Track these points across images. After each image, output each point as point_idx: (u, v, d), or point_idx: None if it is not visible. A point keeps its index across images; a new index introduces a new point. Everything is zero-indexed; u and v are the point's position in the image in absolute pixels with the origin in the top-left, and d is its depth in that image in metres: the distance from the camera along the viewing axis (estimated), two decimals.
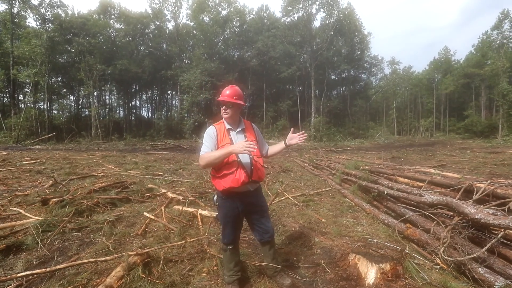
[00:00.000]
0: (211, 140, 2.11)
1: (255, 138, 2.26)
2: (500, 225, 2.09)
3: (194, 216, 4.24)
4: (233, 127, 2.22)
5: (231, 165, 2.05)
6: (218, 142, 2.11)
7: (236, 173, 2.03)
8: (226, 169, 2.04)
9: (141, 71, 36.46)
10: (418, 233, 2.94)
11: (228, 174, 2.04)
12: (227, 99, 2.17)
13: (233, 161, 2.05)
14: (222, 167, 2.05)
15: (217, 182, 2.10)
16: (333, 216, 3.98)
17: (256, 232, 2.34)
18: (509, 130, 30.56)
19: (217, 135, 2.13)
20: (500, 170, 8.31)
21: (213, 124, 2.24)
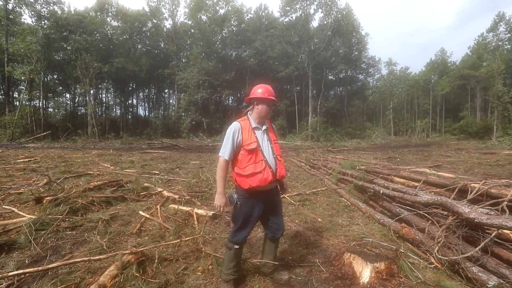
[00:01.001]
0: (233, 140, 2.07)
1: (275, 138, 2.28)
2: (494, 224, 2.11)
3: (190, 215, 4.22)
4: (260, 126, 2.19)
5: (259, 165, 2.04)
6: (243, 140, 2.07)
7: (264, 172, 2.03)
8: (254, 169, 2.02)
9: (138, 69, 36.25)
10: (413, 232, 2.95)
11: (256, 174, 2.02)
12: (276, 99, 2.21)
13: (261, 161, 2.05)
14: (249, 166, 2.03)
15: (242, 180, 2.07)
16: (329, 216, 3.98)
17: (270, 229, 2.32)
18: (503, 131, 30.91)
19: (242, 132, 2.09)
20: (495, 170, 8.40)
21: (237, 120, 2.20)
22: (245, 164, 2.04)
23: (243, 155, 2.06)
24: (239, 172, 2.07)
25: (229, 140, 2.07)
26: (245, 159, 2.05)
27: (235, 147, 2.07)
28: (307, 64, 35.83)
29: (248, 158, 2.05)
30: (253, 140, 2.08)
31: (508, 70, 36.37)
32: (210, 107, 38.05)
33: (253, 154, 2.05)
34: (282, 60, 38.60)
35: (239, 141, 2.07)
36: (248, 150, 2.05)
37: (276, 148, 2.20)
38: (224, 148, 2.07)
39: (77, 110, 41.49)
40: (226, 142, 2.08)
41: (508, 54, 38.38)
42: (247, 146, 2.05)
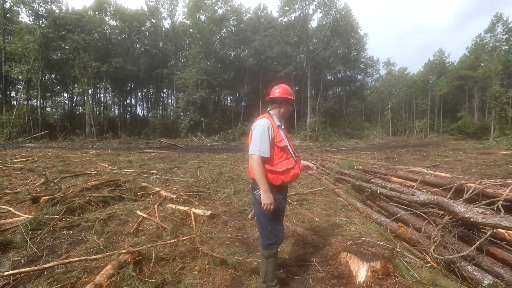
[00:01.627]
0: (266, 136, 2.04)
1: (287, 135, 2.33)
2: (489, 223, 2.12)
3: (187, 214, 4.22)
4: (282, 124, 2.27)
5: (290, 161, 2.11)
6: (275, 137, 2.10)
7: (296, 168, 2.12)
8: (287, 165, 2.07)
9: (137, 69, 36.16)
10: (409, 232, 2.96)
11: (290, 170, 2.08)
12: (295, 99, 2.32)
13: (291, 157, 2.14)
14: (282, 162, 2.07)
15: (275, 177, 2.05)
16: (326, 215, 3.99)
17: None
18: (500, 131, 31.07)
19: (273, 130, 2.10)
20: (491, 170, 8.45)
21: (265, 117, 2.20)
22: (278, 161, 2.07)
23: (275, 152, 2.09)
24: (272, 169, 2.06)
25: (264, 136, 2.04)
26: (277, 156, 2.08)
27: (270, 144, 2.07)
28: (305, 64, 35.87)
29: (280, 155, 2.09)
30: (282, 138, 2.14)
31: (506, 70, 36.55)
32: (208, 107, 38.02)
33: (283, 151, 2.11)
34: (281, 60, 38.61)
35: (272, 138, 2.08)
36: (280, 147, 2.09)
37: (292, 145, 2.31)
38: (261, 145, 2.03)
39: (75, 110, 41.35)
40: (262, 139, 2.04)
41: (506, 55, 38.58)
42: (279, 144, 2.09)
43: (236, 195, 5.32)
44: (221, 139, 31.45)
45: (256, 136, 2.06)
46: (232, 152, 17.58)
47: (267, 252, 2.12)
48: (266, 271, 2.13)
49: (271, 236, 2.12)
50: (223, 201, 5.06)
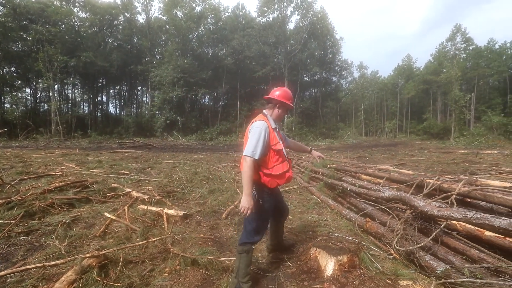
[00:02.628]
0: (262, 139, 2.03)
1: (281, 137, 2.38)
2: (443, 216, 2.29)
3: (159, 215, 4.10)
4: (277, 127, 2.31)
5: (285, 165, 2.16)
6: (271, 140, 2.10)
7: (290, 171, 2.19)
8: (282, 169, 2.12)
9: (109, 65, 34.38)
10: (375, 226, 3.12)
11: (285, 173, 2.13)
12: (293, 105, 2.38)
13: (285, 161, 2.18)
14: (278, 166, 2.11)
15: (270, 180, 2.09)
16: (300, 213, 4.08)
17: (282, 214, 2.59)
18: (459, 132, 33.76)
19: (269, 133, 2.11)
20: (451, 168, 9.15)
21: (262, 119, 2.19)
22: (273, 164, 2.10)
23: (271, 155, 2.10)
24: (268, 172, 2.09)
25: (260, 139, 2.03)
26: (272, 159, 2.10)
27: (265, 147, 2.06)
28: (283, 65, 36.39)
29: (275, 158, 2.11)
30: (277, 140, 2.15)
31: (464, 77, 39.80)
32: (185, 105, 37.21)
33: (279, 154, 2.13)
34: (259, 60, 38.80)
35: (267, 141, 2.08)
36: (276, 150, 2.11)
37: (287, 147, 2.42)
38: (254, 147, 2.01)
39: (39, 107, 38.37)
40: (257, 142, 2.02)
41: (464, 62, 42.04)
42: (275, 147, 2.10)
43: (211, 194, 5.27)
44: (198, 139, 30.93)
45: (251, 139, 2.05)
46: (209, 151, 17.37)
47: (241, 247, 2.17)
48: (239, 266, 2.15)
49: (251, 235, 2.17)
50: (197, 201, 4.98)
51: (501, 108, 37.93)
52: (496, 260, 1.96)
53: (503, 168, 9.15)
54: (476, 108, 38.89)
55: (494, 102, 39.54)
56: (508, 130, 30.72)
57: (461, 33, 40.80)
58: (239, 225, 3.68)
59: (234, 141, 30.35)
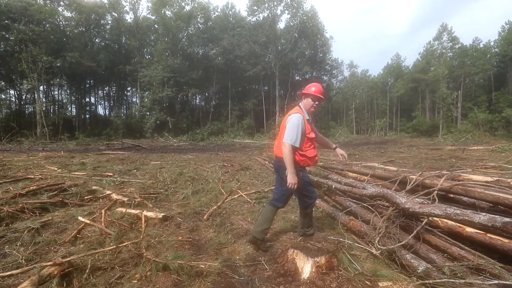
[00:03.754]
0: (299, 129, 2.52)
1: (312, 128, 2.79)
2: (424, 213, 2.22)
3: (138, 218, 3.92)
4: (309, 118, 2.72)
5: (315, 150, 2.74)
6: (306, 129, 2.58)
7: (318, 155, 2.77)
8: (314, 153, 2.69)
9: (96, 65, 33.58)
10: (358, 224, 3.03)
11: (315, 156, 2.72)
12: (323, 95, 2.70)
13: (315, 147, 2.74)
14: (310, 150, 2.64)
15: (304, 160, 2.62)
16: (283, 212, 3.97)
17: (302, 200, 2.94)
18: (447, 129, 34.41)
19: (304, 124, 2.58)
20: (438, 164, 9.23)
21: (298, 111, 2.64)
22: (307, 148, 2.61)
23: (305, 141, 2.59)
24: (303, 153, 2.60)
25: (298, 129, 2.51)
26: (306, 145, 2.61)
27: (302, 135, 2.54)
28: (274, 64, 36.34)
29: (309, 144, 2.63)
30: (310, 130, 2.65)
31: (451, 75, 40.63)
32: (176, 106, 36.76)
33: (311, 141, 2.65)
34: (249, 59, 38.66)
35: (304, 130, 2.55)
36: (310, 138, 2.62)
37: None
38: (293, 136, 2.49)
39: (24, 109, 37.25)
40: (296, 131, 2.50)
41: (450, 61, 42.92)
42: (309, 135, 2.61)
43: (195, 195, 5.11)
44: (189, 139, 30.55)
45: (290, 128, 2.52)
46: (199, 152, 17.13)
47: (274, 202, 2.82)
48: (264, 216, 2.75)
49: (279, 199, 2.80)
50: (180, 202, 4.82)
51: (486, 105, 38.85)
52: (477, 257, 1.88)
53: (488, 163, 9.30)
54: (463, 105, 39.75)
55: (480, 100, 40.48)
56: (493, 127, 31.51)
57: (448, 32, 41.65)
58: (220, 226, 3.55)
59: (225, 141, 30.12)
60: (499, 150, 14.43)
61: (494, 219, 1.68)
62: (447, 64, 39.38)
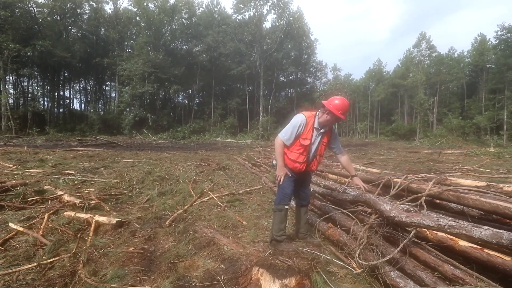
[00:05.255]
0: (295, 129, 2.47)
1: (327, 140, 2.65)
2: (412, 223, 1.89)
3: (88, 224, 3.37)
4: (320, 128, 2.53)
5: (301, 157, 2.51)
6: (302, 134, 2.48)
7: (301, 165, 2.53)
8: (296, 158, 2.51)
9: (70, 56, 31.61)
10: (338, 233, 2.69)
11: (296, 162, 2.52)
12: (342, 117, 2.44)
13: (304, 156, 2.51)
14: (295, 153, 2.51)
15: (286, 158, 2.56)
16: (256, 217, 3.57)
17: (299, 198, 2.82)
18: (424, 133, 35.71)
19: (304, 128, 2.48)
20: (417, 167, 9.26)
21: (306, 114, 2.56)
22: (293, 150, 2.51)
23: (296, 143, 2.50)
24: (287, 152, 2.55)
25: (294, 129, 2.47)
26: (295, 147, 2.51)
27: (295, 137, 2.48)
28: (259, 64, 36.03)
29: (297, 147, 2.50)
30: (308, 137, 2.48)
31: (428, 81, 42.30)
32: (156, 102, 35.48)
33: (302, 147, 2.49)
34: (234, 58, 38.11)
35: (299, 133, 2.48)
36: (301, 144, 2.48)
37: (321, 149, 2.62)
38: (287, 134, 2.49)
39: None
40: (290, 130, 2.48)
41: (428, 68, 44.71)
42: (302, 141, 2.48)
43: (161, 197, 4.59)
44: (170, 137, 29.49)
45: (289, 126, 2.52)
46: (178, 150, 16.40)
47: (275, 207, 2.63)
48: (273, 222, 2.62)
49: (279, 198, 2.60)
50: (142, 205, 4.29)
51: (459, 111, 40.81)
52: (475, 279, 1.57)
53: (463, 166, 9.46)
54: (438, 111, 41.48)
55: (454, 106, 42.46)
56: (465, 132, 33.06)
57: (426, 41, 43.33)
58: (183, 234, 3.08)
59: (207, 140, 29.38)
60: (472, 154, 14.95)
61: (499, 235, 1.37)
62: (424, 71, 40.94)
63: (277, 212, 2.58)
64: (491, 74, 39.04)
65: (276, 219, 2.58)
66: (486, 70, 40.22)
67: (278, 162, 2.54)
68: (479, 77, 41.76)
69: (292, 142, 2.49)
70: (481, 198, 1.89)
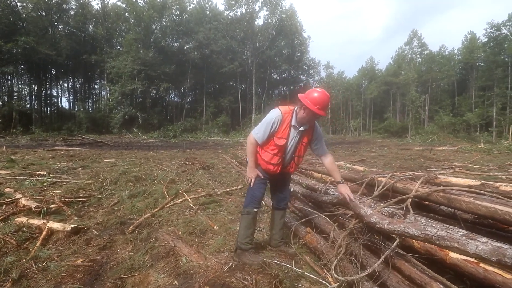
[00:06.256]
0: (268, 127, 2.17)
1: (308, 140, 2.32)
2: (395, 231, 1.59)
3: (41, 231, 3.00)
4: (298, 126, 2.22)
5: (275, 158, 2.23)
6: (277, 132, 2.18)
7: (275, 167, 2.25)
8: (269, 158, 2.23)
9: (56, 53, 30.63)
10: (315, 240, 2.38)
11: (269, 163, 2.24)
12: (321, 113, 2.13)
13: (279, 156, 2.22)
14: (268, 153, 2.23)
15: (259, 158, 2.29)
16: (230, 221, 3.24)
17: (276, 199, 2.54)
18: (415, 131, 35.93)
19: (279, 125, 2.18)
20: (408, 164, 9.08)
21: (282, 109, 2.22)
22: (267, 149, 2.23)
23: (270, 143, 2.21)
24: (260, 152, 2.27)
25: (267, 127, 2.17)
26: (269, 147, 2.22)
27: (269, 135, 2.19)
28: (251, 61, 35.66)
29: (272, 147, 2.21)
30: (284, 136, 2.19)
31: (419, 79, 42.56)
32: (146, 101, 34.77)
33: (277, 147, 2.20)
34: (226, 55, 37.61)
35: (273, 131, 2.18)
36: (276, 143, 2.19)
37: (300, 149, 2.31)
38: (260, 131, 2.19)
39: None
40: (264, 128, 2.18)
41: (419, 66, 45.00)
42: (277, 140, 2.18)
43: (131, 199, 4.22)
44: (161, 136, 28.89)
45: (262, 122, 2.22)
46: (166, 149, 15.95)
47: (243, 209, 2.35)
48: (240, 228, 2.32)
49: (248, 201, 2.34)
50: (109, 209, 3.91)
51: (450, 109, 41.22)
52: None
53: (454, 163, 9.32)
54: (430, 108, 41.82)
55: (445, 104, 42.86)
56: (455, 129, 33.38)
57: (417, 38, 43.55)
58: (144, 241, 2.73)
59: (199, 139, 28.89)
60: (463, 151, 14.93)
61: (501, 252, 1.07)
62: (416, 68, 41.14)
63: (245, 215, 2.31)
64: (481, 72, 39.49)
65: (242, 224, 2.30)
66: (476, 67, 40.66)
67: (248, 163, 2.32)
68: (469, 74, 42.21)
69: (265, 140, 2.21)
70: (476, 200, 1.60)
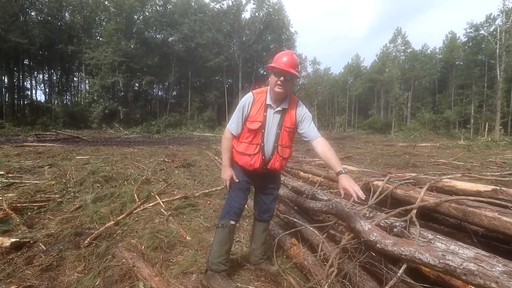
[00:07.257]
0: (240, 112, 1.89)
1: (292, 124, 1.94)
2: (402, 255, 1.26)
3: None
4: (275, 105, 1.89)
5: (252, 148, 1.88)
6: (249, 116, 1.88)
7: (253, 158, 1.89)
8: (245, 149, 1.89)
9: (28, 42, 28.62)
10: (302, 254, 2.03)
11: (245, 155, 1.89)
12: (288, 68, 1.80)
13: (256, 144, 1.88)
14: (243, 144, 1.90)
15: (235, 154, 1.96)
16: (206, 229, 2.85)
17: (257, 209, 2.18)
18: (399, 127, 36.78)
19: (251, 107, 1.88)
20: (394, 160, 9.00)
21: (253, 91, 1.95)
22: (242, 140, 1.92)
23: (244, 131, 1.91)
24: (235, 145, 1.96)
25: (239, 112, 1.90)
26: (244, 136, 1.91)
27: (242, 121, 1.90)
28: (238, 55, 34.95)
29: (246, 135, 1.90)
30: (259, 119, 1.87)
31: (403, 77, 43.50)
32: (128, 94, 33.38)
33: (251, 133, 1.88)
34: (212, 48, 36.66)
35: (245, 115, 1.89)
36: (249, 128, 1.88)
37: (283, 137, 1.92)
38: (233, 121, 1.92)
39: None
40: (235, 115, 1.91)
41: (403, 63, 45.96)
42: (249, 124, 1.88)
43: (95, 203, 3.72)
44: (143, 131, 27.85)
45: (235, 111, 1.95)
46: (147, 145, 15.24)
47: (218, 221, 1.99)
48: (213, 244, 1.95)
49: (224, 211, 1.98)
50: (69, 215, 3.40)
51: (431, 106, 42.50)
52: None
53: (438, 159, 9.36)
54: (412, 105, 42.91)
55: (426, 101, 44.14)
56: (436, 126, 34.42)
57: (401, 36, 44.34)
58: (101, 257, 2.29)
59: (183, 134, 28.09)
60: (444, 147, 15.24)
61: None
62: (400, 66, 41.95)
63: (220, 229, 1.93)
64: (460, 71, 40.83)
65: (216, 239, 1.93)
66: (456, 66, 41.99)
67: (222, 161, 1.99)
68: (449, 73, 43.56)
69: (240, 130, 1.90)
70: (503, 217, 1.29)
